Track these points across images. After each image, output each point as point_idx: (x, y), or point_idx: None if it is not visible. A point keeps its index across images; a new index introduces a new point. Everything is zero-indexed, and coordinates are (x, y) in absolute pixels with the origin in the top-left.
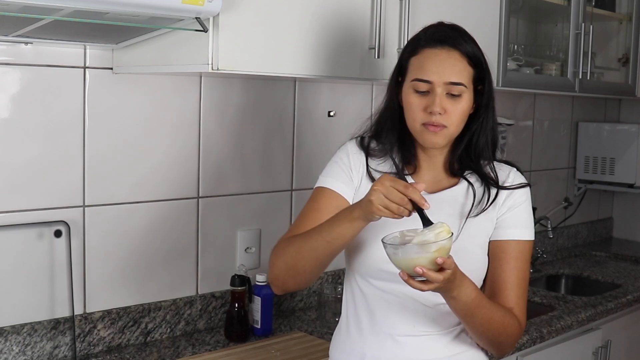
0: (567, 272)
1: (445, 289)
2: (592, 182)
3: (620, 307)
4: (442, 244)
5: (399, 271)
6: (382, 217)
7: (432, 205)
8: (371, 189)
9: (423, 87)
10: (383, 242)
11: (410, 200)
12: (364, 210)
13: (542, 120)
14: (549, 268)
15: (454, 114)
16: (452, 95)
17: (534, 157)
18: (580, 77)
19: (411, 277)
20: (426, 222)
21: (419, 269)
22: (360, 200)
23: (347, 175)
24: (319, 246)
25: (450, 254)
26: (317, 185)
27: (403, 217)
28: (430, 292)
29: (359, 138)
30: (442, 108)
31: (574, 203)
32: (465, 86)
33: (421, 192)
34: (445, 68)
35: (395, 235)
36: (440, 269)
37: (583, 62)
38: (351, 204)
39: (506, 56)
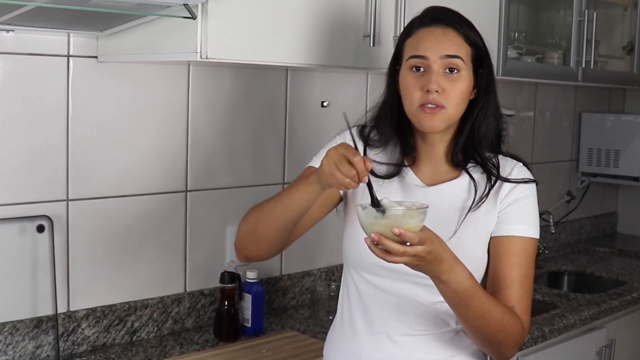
0: (569, 269)
1: (427, 269)
2: (595, 175)
3: (625, 305)
4: (401, 212)
5: (396, 268)
6: None
7: (429, 198)
8: (325, 154)
9: (419, 63)
10: (356, 205)
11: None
12: (318, 175)
13: (544, 110)
14: (551, 264)
15: (452, 93)
16: (450, 72)
17: (535, 149)
18: (584, 66)
19: (375, 244)
20: (372, 200)
21: (374, 235)
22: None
23: None
24: (277, 209)
25: (427, 232)
26: (308, 165)
27: (348, 188)
28: (426, 290)
29: (359, 127)
30: (439, 86)
31: (577, 197)
32: (463, 60)
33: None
34: (441, 42)
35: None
36: (404, 242)
37: (586, 51)
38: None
39: (506, 44)
